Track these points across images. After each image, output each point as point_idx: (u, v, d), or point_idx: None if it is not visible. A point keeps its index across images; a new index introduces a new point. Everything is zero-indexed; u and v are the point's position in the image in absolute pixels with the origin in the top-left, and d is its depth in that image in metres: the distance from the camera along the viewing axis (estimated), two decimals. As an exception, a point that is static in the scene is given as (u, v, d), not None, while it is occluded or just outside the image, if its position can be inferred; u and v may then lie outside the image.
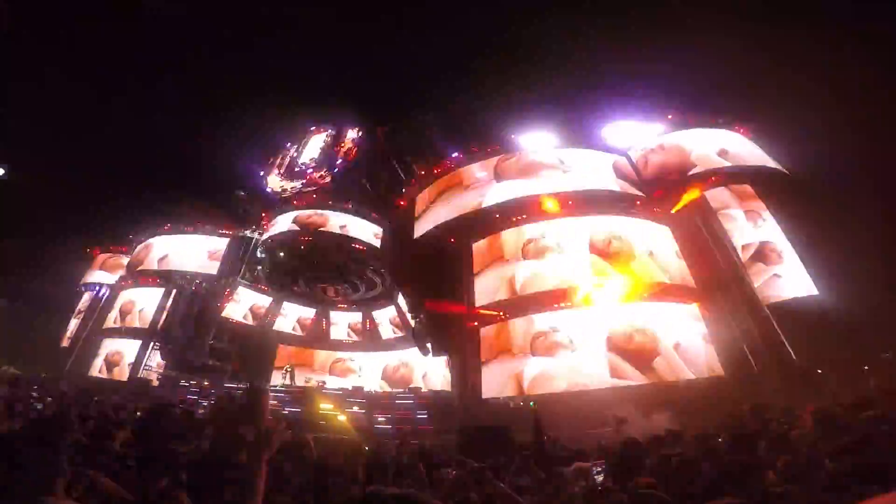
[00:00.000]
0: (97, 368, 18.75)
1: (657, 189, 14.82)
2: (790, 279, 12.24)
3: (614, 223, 13.96)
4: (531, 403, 11.61)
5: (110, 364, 18.66)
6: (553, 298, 12.64)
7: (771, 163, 14.88)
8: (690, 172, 14.73)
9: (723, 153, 15.07)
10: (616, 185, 15.14)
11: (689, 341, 11.28)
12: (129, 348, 18.80)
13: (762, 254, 12.76)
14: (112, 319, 19.95)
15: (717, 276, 12.33)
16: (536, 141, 16.97)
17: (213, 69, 27.24)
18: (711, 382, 10.28)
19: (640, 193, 14.95)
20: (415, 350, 17.23)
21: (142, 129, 25.86)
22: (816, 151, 12.85)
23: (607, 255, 13.14)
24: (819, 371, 8.16)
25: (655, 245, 13.55)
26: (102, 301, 21.40)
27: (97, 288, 22.62)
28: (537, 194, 15.00)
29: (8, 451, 1.68)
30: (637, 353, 11.04)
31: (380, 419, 13.16)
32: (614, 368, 10.96)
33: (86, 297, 22.79)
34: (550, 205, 14.67)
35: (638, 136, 16.57)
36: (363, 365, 20.02)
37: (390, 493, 2.46)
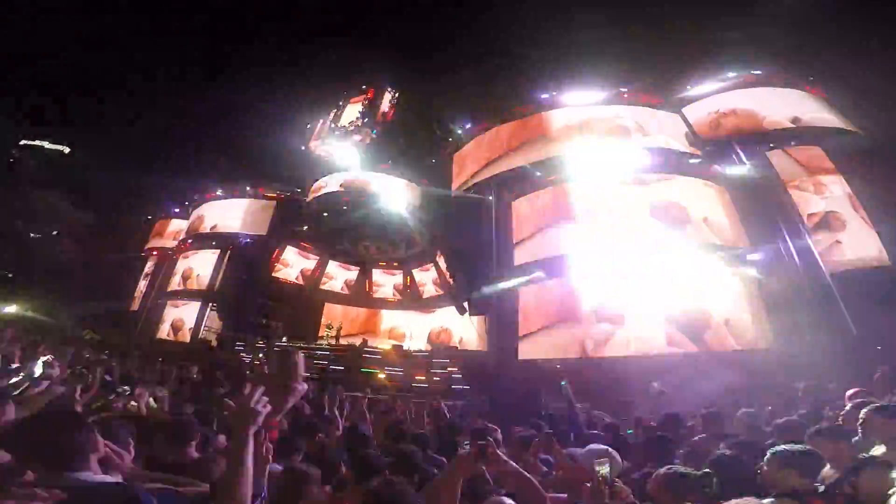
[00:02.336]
0: (164, 332, 20.71)
1: (722, 148, 13.97)
2: (853, 245, 11.54)
3: (674, 186, 13.57)
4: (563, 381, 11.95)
5: (175, 328, 20.55)
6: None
7: (843, 125, 13.57)
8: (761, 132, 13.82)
9: (796, 120, 13.82)
10: (679, 144, 14.52)
11: (737, 317, 11.19)
12: (190, 310, 20.56)
13: (827, 222, 11.94)
14: (175, 283, 21.77)
15: (778, 242, 11.59)
16: (578, 98, 16.18)
17: (254, 41, 27.44)
18: (760, 354, 9.89)
19: (698, 152, 14.18)
20: (453, 311, 17.70)
21: (190, 103, 26.78)
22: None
23: (665, 219, 12.99)
24: (878, 348, 7.48)
25: (710, 210, 13.05)
26: (165, 266, 23.33)
27: (160, 253, 24.65)
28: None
29: None
30: (690, 326, 11.36)
31: (418, 378, 13.68)
32: (670, 337, 11.39)
33: (150, 263, 24.95)
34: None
35: (698, 93, 15.39)
36: (413, 330, 20.81)
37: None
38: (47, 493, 1.13)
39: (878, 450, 2.42)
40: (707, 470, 2.16)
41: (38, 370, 3.07)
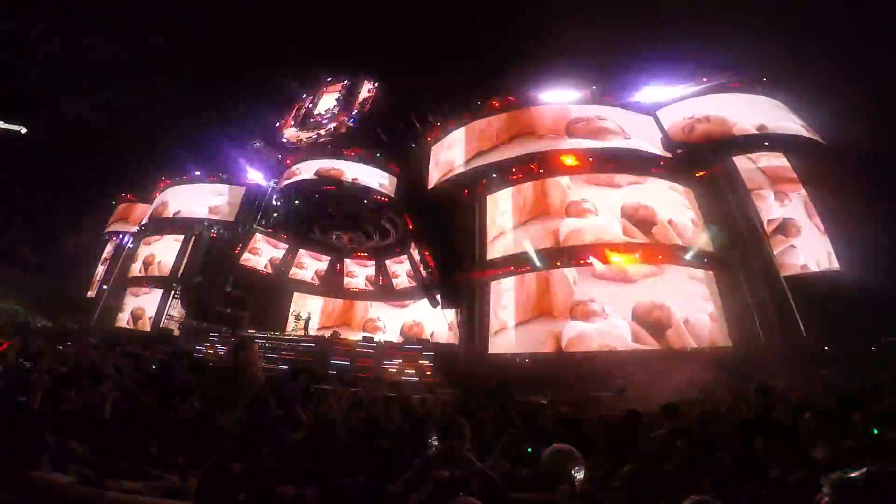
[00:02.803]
0: (124, 320, 19.81)
1: (693, 153, 14.52)
2: (806, 250, 12.28)
3: (645, 189, 14.04)
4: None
5: (135, 316, 19.70)
6: (590, 252, 13.13)
7: (807, 133, 14.25)
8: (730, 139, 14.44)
9: (762, 128, 14.47)
10: (652, 147, 14.96)
11: (696, 318, 11.67)
12: (152, 299, 19.74)
13: (784, 227, 12.65)
14: (136, 269, 20.82)
15: (737, 244, 12.16)
16: (558, 97, 16.39)
17: (228, 21, 26.29)
18: (716, 352, 10.36)
19: (668, 154, 14.71)
20: (426, 304, 17.74)
21: (158, 82, 25.56)
22: (854, 123, 12.11)
23: (635, 220, 13.50)
24: (826, 349, 7.97)
25: (676, 212, 13.54)
26: (125, 250, 22.28)
27: (121, 236, 23.51)
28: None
29: None
30: (654, 324, 11.84)
31: (389, 370, 13.62)
32: (635, 334, 11.89)
33: (109, 247, 23.78)
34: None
35: (666, 97, 15.90)
36: (387, 323, 20.89)
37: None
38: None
39: None
40: None
41: None
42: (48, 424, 1.69)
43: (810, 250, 12.24)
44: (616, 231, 13.36)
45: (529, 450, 3.30)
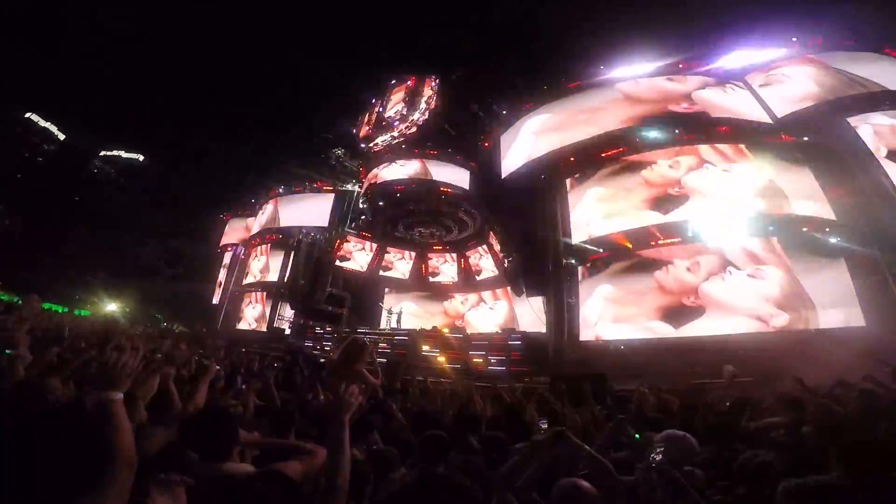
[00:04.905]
0: (243, 322, 22.54)
1: (799, 119, 12.54)
2: None
3: (750, 163, 12.56)
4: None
5: (252, 318, 22.38)
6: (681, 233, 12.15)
7: None
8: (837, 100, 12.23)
9: (877, 86, 12.14)
10: (752, 115, 13.26)
11: (824, 294, 10.18)
12: (264, 302, 22.27)
13: None
14: (249, 277, 23.60)
15: (869, 216, 10.33)
16: (632, 71, 15.26)
17: (306, 42, 28.54)
18: (849, 333, 9.00)
19: (771, 122, 12.92)
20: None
21: (250, 113, 28.55)
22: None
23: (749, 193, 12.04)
24: None
25: (793, 184, 11.82)
26: (239, 260, 25.34)
27: (234, 248, 26.79)
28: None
29: None
30: (774, 304, 10.61)
31: (477, 361, 13.90)
32: (753, 316, 10.71)
33: (227, 258, 27.20)
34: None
35: (760, 62, 13.98)
36: (481, 318, 21.24)
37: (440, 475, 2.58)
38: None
39: None
40: None
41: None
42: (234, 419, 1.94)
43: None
44: (720, 209, 12.07)
45: (637, 436, 3.26)
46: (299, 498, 1.46)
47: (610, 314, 12.85)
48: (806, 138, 11.98)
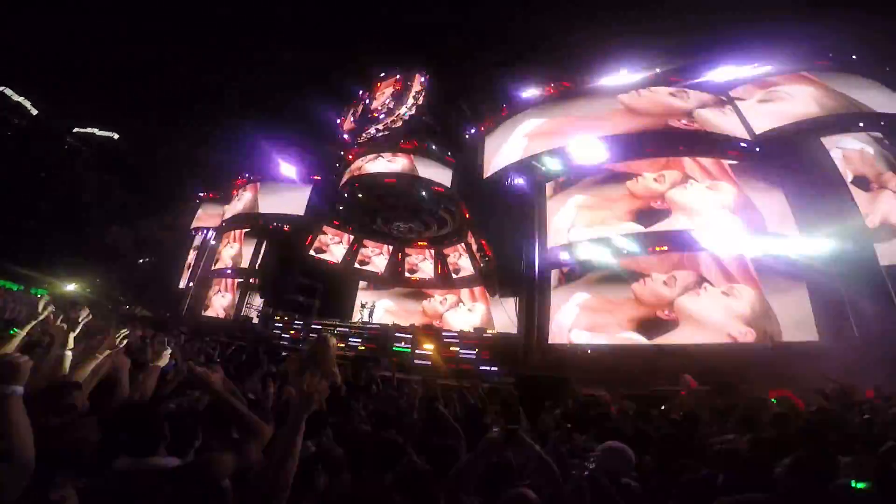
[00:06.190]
0: (208, 309, 21.93)
1: (776, 136, 12.79)
2: None
3: (725, 175, 12.91)
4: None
5: (218, 306, 21.77)
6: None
7: None
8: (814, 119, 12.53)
9: (855, 105, 12.44)
10: (730, 131, 13.43)
11: (783, 308, 10.63)
12: (232, 290, 21.70)
13: (889, 222, 10.78)
14: (218, 263, 22.97)
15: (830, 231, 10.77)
16: (619, 79, 15.34)
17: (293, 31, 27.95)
18: (803, 347, 9.41)
19: (748, 137, 13.10)
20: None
21: (232, 90, 27.75)
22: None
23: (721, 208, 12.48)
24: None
25: (760, 198, 12.23)
26: (209, 246, 24.63)
27: (205, 232, 26.02)
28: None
29: None
30: (735, 315, 11.04)
31: (447, 358, 13.92)
32: (716, 327, 11.15)
33: (196, 241, 26.40)
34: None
35: (742, 76, 14.22)
36: (455, 319, 21.20)
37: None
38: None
39: None
40: None
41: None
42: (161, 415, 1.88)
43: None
44: (693, 219, 12.42)
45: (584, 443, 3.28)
46: (221, 493, 1.40)
47: (584, 321, 13.02)
48: (780, 157, 12.32)
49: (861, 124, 12.18)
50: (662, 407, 5.50)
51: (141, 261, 29.20)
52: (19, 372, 1.28)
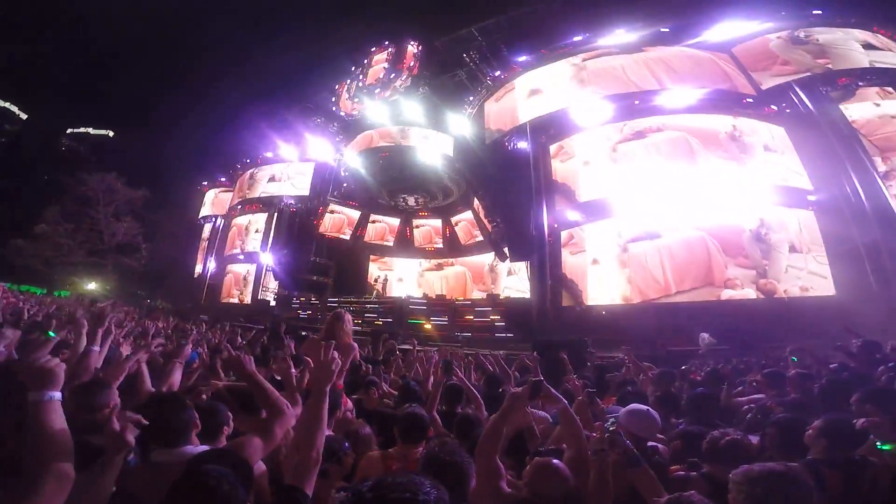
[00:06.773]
0: (227, 295, 22.27)
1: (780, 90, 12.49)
2: None
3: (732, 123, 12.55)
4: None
5: (236, 290, 22.08)
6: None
7: None
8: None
9: (858, 62, 12.22)
10: (734, 86, 13.21)
11: (798, 262, 10.46)
12: (248, 274, 21.95)
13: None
14: (230, 248, 23.16)
15: (845, 186, 10.45)
16: (617, 39, 14.87)
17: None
18: (818, 301, 9.27)
19: (753, 92, 12.86)
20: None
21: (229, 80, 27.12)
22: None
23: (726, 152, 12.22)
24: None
25: (772, 148, 11.91)
26: (219, 231, 24.76)
27: (213, 219, 26.13)
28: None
29: None
30: (749, 270, 10.84)
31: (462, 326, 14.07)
32: (729, 282, 10.93)
33: (206, 230, 26.55)
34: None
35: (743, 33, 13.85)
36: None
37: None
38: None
39: None
40: None
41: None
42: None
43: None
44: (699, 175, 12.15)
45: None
46: (250, 478, 1.42)
47: (608, 282, 12.85)
48: (788, 110, 11.94)
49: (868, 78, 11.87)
50: (682, 367, 5.48)
51: (153, 253, 29.55)
52: (55, 376, 1.24)
